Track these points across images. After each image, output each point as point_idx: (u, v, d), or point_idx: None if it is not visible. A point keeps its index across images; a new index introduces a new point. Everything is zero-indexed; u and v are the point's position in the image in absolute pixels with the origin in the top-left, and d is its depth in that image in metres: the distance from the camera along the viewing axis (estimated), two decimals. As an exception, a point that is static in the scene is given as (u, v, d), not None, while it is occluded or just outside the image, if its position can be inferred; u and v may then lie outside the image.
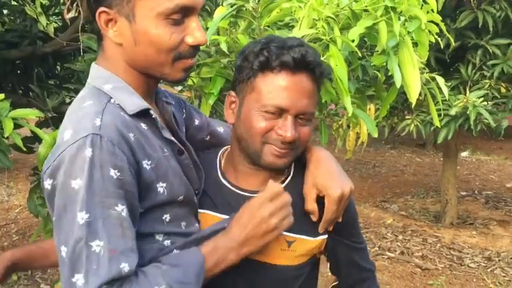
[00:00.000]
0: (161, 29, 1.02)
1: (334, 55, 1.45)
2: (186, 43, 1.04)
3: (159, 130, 1.09)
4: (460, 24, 4.37)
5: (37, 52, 2.66)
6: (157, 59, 1.05)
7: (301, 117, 1.16)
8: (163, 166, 1.06)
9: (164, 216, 1.09)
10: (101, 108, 1.00)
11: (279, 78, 1.13)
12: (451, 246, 5.18)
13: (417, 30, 1.53)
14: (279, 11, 1.64)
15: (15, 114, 1.74)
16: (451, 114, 4.13)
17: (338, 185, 1.17)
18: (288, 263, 1.21)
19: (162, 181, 1.06)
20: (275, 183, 1.13)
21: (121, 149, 0.96)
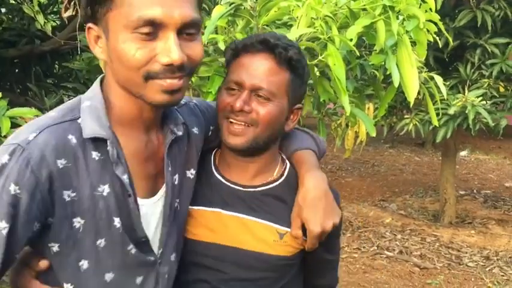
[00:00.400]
0: (127, 44, 0.93)
1: (332, 54, 1.45)
2: (158, 61, 0.94)
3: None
4: (459, 23, 4.38)
5: (35, 51, 2.66)
6: (128, 78, 0.97)
7: (259, 94, 1.19)
8: (86, 203, 0.99)
9: (81, 262, 1.02)
10: (48, 124, 0.97)
11: (242, 57, 1.23)
12: (450, 246, 5.18)
13: (415, 29, 1.53)
14: (277, 9, 1.63)
15: (12, 113, 1.73)
16: (449, 113, 4.13)
17: (319, 222, 1.19)
18: (283, 253, 1.26)
19: (81, 217, 0.99)
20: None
21: (34, 171, 0.92)
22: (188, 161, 1.22)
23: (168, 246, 1.15)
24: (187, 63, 0.97)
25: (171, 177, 1.13)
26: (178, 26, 0.93)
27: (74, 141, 0.98)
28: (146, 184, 1.10)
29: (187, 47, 0.96)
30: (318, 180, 1.25)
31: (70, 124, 0.99)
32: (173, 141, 1.13)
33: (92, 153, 1.00)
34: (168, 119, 1.13)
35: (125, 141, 1.04)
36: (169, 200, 1.13)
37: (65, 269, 1.02)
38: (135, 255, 1.07)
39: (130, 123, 1.06)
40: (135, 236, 1.06)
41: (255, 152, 1.26)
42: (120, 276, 1.06)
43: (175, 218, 1.17)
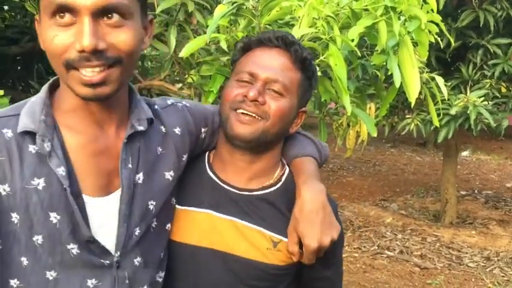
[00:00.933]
0: (48, 31, 0.91)
1: (334, 54, 1.45)
2: (74, 48, 0.89)
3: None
4: (461, 24, 4.37)
5: (37, 48, 2.65)
6: (54, 67, 0.95)
7: (273, 87, 1.17)
8: (19, 197, 0.97)
9: (21, 258, 1.00)
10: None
11: (257, 50, 1.22)
12: (450, 246, 5.18)
13: (417, 30, 1.53)
14: (278, 9, 1.63)
15: (14, 110, 1.73)
16: (451, 113, 4.13)
17: (316, 237, 1.12)
18: (276, 262, 1.20)
19: (17, 212, 0.98)
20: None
21: None
22: (161, 161, 1.15)
23: (128, 250, 1.08)
24: (111, 53, 0.92)
25: (129, 175, 1.06)
26: (91, 10, 0.88)
27: (9, 135, 0.98)
28: (97, 181, 1.05)
29: (111, 35, 0.91)
30: (316, 192, 1.18)
31: (9, 119, 0.99)
32: (138, 138, 1.09)
33: (29, 147, 0.99)
34: (133, 113, 1.09)
35: (69, 134, 1.02)
36: (126, 199, 1.06)
37: (8, 265, 1.01)
38: (78, 256, 1.02)
39: (77, 115, 1.02)
40: (78, 235, 1.01)
41: (258, 149, 1.21)
42: (65, 276, 1.03)
43: (145, 219, 1.10)
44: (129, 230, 1.07)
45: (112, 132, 1.07)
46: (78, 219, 1.00)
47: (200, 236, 1.21)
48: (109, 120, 1.06)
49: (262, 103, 1.15)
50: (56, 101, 1.04)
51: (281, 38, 1.20)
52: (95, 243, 1.04)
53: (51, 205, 0.99)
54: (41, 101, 1.01)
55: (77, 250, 1.02)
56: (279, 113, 1.17)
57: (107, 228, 1.06)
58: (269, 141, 1.20)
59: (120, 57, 0.93)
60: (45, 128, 0.98)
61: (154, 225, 1.15)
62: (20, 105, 1.03)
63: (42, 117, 0.99)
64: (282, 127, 1.20)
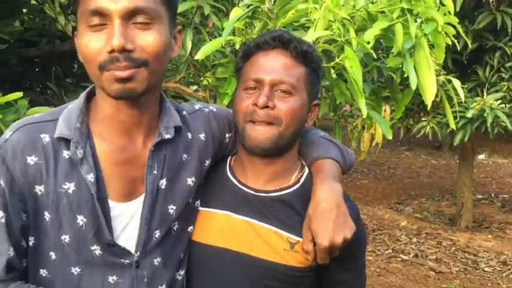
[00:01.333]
0: (83, 37, 0.98)
1: (349, 57, 1.45)
2: (104, 49, 0.96)
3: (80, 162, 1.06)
4: (478, 26, 4.33)
5: (55, 51, 2.69)
6: (90, 72, 1.00)
7: (280, 88, 1.17)
8: (52, 198, 1.04)
9: (50, 252, 1.08)
10: (26, 123, 1.06)
11: (257, 56, 1.22)
12: (466, 250, 5.13)
13: (434, 32, 1.52)
14: (294, 12, 1.64)
15: (32, 112, 1.76)
16: (467, 116, 4.09)
17: (328, 235, 1.11)
18: (293, 263, 1.19)
19: (49, 211, 1.05)
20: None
21: (9, 167, 1.02)
22: (185, 167, 1.19)
23: (148, 251, 1.13)
24: (139, 54, 0.97)
25: (153, 180, 1.11)
26: (121, 13, 0.95)
27: (46, 140, 1.04)
28: (123, 187, 1.10)
29: (139, 36, 0.97)
30: (331, 191, 1.18)
31: (48, 124, 1.06)
32: (165, 146, 1.14)
33: (63, 152, 1.05)
34: (162, 122, 1.14)
35: (100, 142, 1.08)
36: (148, 203, 1.11)
37: (40, 257, 1.09)
38: (100, 257, 1.09)
39: (108, 124, 1.08)
40: (101, 238, 1.07)
41: (276, 152, 1.21)
42: (88, 272, 1.09)
43: (165, 222, 1.15)
44: (149, 232, 1.13)
45: (140, 141, 1.12)
46: (102, 223, 1.06)
47: (219, 236, 1.23)
48: (138, 130, 1.11)
49: (272, 107, 1.16)
50: (91, 109, 1.10)
51: (278, 38, 1.20)
52: (116, 246, 1.09)
53: (78, 208, 1.05)
54: (77, 109, 1.07)
55: (100, 251, 1.08)
56: (291, 114, 1.18)
57: (128, 231, 1.11)
58: (287, 142, 1.21)
59: (146, 59, 0.98)
60: (79, 135, 1.05)
61: (176, 228, 1.19)
62: (58, 110, 1.10)
63: (77, 124, 1.05)
64: (296, 126, 1.20)
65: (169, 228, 1.17)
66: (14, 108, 1.76)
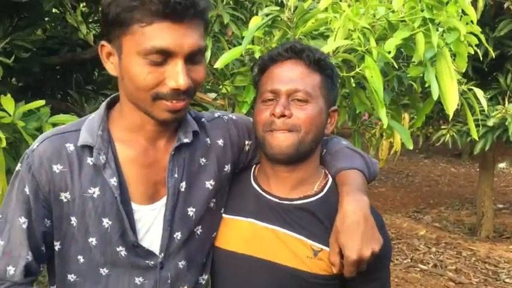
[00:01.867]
0: (139, 67, 1.01)
1: (370, 66, 1.44)
2: (167, 85, 1.02)
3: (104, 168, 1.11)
4: (499, 33, 4.27)
5: (76, 58, 2.73)
6: (137, 96, 1.06)
7: (296, 97, 1.20)
8: (77, 204, 1.10)
9: (78, 256, 1.14)
10: (52, 134, 1.13)
11: (271, 68, 1.25)
12: (487, 261, 5.03)
13: (456, 42, 1.50)
14: (314, 21, 1.63)
15: (55, 119, 1.79)
16: (488, 125, 4.03)
17: (356, 248, 1.11)
18: (317, 271, 1.20)
19: (75, 216, 1.11)
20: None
21: (35, 175, 1.08)
22: (204, 171, 1.23)
23: (171, 252, 1.18)
24: (192, 87, 1.06)
25: (174, 184, 1.16)
26: (186, 54, 1.02)
27: (71, 149, 1.11)
28: (145, 190, 1.15)
29: (192, 71, 1.05)
30: (359, 204, 1.18)
31: (72, 134, 1.13)
32: (184, 149, 1.19)
33: (87, 159, 1.11)
34: (180, 127, 1.19)
35: (122, 147, 1.14)
36: (170, 205, 1.16)
37: (67, 262, 1.15)
38: (126, 258, 1.14)
39: (133, 132, 1.14)
40: (126, 239, 1.13)
41: (298, 159, 1.23)
42: (115, 273, 1.15)
43: (186, 224, 1.19)
44: (171, 234, 1.17)
45: (161, 146, 1.17)
46: (126, 225, 1.12)
47: (243, 243, 1.25)
48: (160, 137, 1.17)
49: (289, 116, 1.19)
50: (113, 117, 1.16)
51: (290, 49, 1.23)
52: (140, 247, 1.14)
53: (103, 211, 1.11)
54: (98, 118, 1.14)
55: (125, 252, 1.13)
56: (309, 120, 1.20)
57: (152, 233, 1.16)
58: (308, 148, 1.22)
59: (194, 90, 1.09)
60: (101, 142, 1.11)
61: (200, 233, 1.24)
62: (80, 121, 1.17)
63: (99, 132, 1.11)
64: (316, 132, 1.22)
65: (192, 231, 1.21)
66: (37, 115, 1.79)
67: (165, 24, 0.99)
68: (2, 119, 1.65)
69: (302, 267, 1.20)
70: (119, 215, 1.11)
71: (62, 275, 1.16)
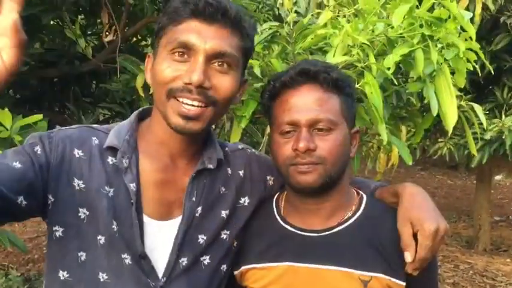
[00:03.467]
0: (163, 62, 1.05)
1: (370, 83, 1.43)
2: (181, 79, 1.03)
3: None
4: (496, 47, 4.31)
5: (74, 71, 2.73)
6: (157, 95, 1.07)
7: (319, 127, 1.12)
8: (92, 197, 1.07)
9: (80, 252, 1.08)
10: (83, 126, 1.15)
11: (285, 95, 1.15)
12: (484, 274, 5.02)
13: (455, 58, 1.50)
14: (313, 37, 1.64)
15: (52, 134, 1.78)
16: (485, 138, 4.04)
17: (434, 219, 1.08)
18: None
19: (87, 208, 1.08)
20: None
21: (53, 144, 1.06)
22: (221, 200, 1.21)
23: (173, 278, 1.13)
24: (211, 93, 1.04)
25: (191, 207, 1.14)
26: (207, 52, 1.03)
27: (96, 143, 1.11)
28: (159, 207, 1.13)
29: (216, 77, 1.05)
30: (419, 187, 1.18)
31: (100, 133, 1.14)
32: (205, 175, 1.17)
33: (108, 157, 1.11)
34: (206, 152, 1.18)
35: (145, 159, 1.13)
36: (183, 229, 1.13)
37: (64, 256, 1.09)
38: (130, 267, 1.08)
39: (157, 147, 1.14)
40: (133, 247, 1.09)
41: (328, 189, 1.16)
42: (114, 283, 1.08)
43: (193, 251, 1.15)
44: (177, 258, 1.13)
45: (182, 166, 1.16)
46: (135, 233, 1.08)
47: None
48: (182, 155, 1.16)
49: (314, 149, 1.10)
50: (142, 129, 1.17)
51: (304, 73, 1.14)
52: (146, 260, 1.10)
53: (114, 214, 1.08)
54: (128, 124, 1.15)
55: (129, 261, 1.09)
56: (335, 151, 1.12)
57: (158, 252, 1.12)
58: (336, 177, 1.15)
59: (217, 100, 1.06)
60: (127, 146, 1.11)
61: (207, 263, 1.18)
62: (111, 126, 1.18)
63: (126, 137, 1.12)
64: (342, 160, 1.15)
65: (198, 259, 1.16)
66: (34, 129, 1.78)
67: (194, 23, 1.04)
68: (0, 134, 1.65)
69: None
70: (128, 220, 1.08)
71: (53, 270, 1.10)
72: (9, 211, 0.99)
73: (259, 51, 1.83)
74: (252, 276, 1.22)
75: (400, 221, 1.12)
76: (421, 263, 1.08)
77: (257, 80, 1.82)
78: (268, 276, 1.18)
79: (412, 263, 1.08)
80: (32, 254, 5.14)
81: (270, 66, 1.77)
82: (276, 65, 1.71)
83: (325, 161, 1.11)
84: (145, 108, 1.21)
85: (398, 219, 1.13)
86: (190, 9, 1.03)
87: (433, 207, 1.13)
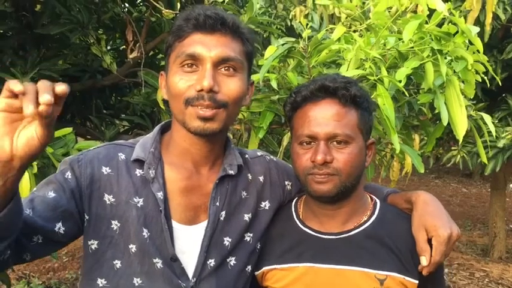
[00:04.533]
0: (175, 75, 1.14)
1: (382, 94, 1.50)
2: (194, 88, 1.11)
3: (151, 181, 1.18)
4: (508, 56, 4.34)
5: (96, 85, 2.83)
6: (175, 106, 1.15)
7: (336, 140, 1.18)
8: (122, 209, 1.16)
9: (115, 261, 1.16)
10: (109, 144, 1.24)
11: (305, 109, 1.22)
12: (500, 282, 5.00)
13: (463, 70, 1.56)
14: (328, 51, 1.71)
15: (80, 145, 1.87)
16: (498, 146, 4.06)
17: (447, 225, 1.17)
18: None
19: (118, 220, 1.16)
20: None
21: (81, 166, 1.15)
22: (243, 204, 1.29)
23: (203, 278, 1.20)
24: (222, 96, 1.13)
25: (216, 211, 1.22)
26: (213, 60, 1.12)
27: (122, 158, 1.20)
28: (185, 212, 1.20)
29: (224, 82, 1.14)
30: (431, 195, 1.26)
31: (126, 148, 1.22)
32: (227, 180, 1.25)
33: (136, 170, 1.19)
34: (226, 159, 1.26)
35: (170, 169, 1.21)
36: (209, 232, 1.20)
37: (101, 265, 1.16)
38: (161, 270, 1.16)
39: (180, 157, 1.21)
40: (164, 251, 1.16)
41: (344, 197, 1.23)
42: (148, 285, 1.16)
43: (220, 253, 1.22)
44: (205, 260, 1.21)
45: (205, 173, 1.24)
46: (166, 238, 1.16)
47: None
48: (204, 163, 1.24)
49: (330, 161, 1.17)
50: (165, 141, 1.25)
51: (323, 89, 1.20)
52: (177, 262, 1.18)
53: (144, 222, 1.16)
54: (152, 137, 1.24)
55: (161, 265, 1.16)
56: (350, 164, 1.18)
57: (187, 255, 1.20)
58: (351, 187, 1.22)
59: (226, 102, 1.14)
60: (153, 158, 1.20)
61: (233, 264, 1.26)
62: (136, 140, 1.26)
63: (151, 149, 1.21)
64: (357, 171, 1.21)
65: (225, 260, 1.24)
66: (63, 141, 1.88)
67: (197, 36, 1.14)
68: (33, 146, 1.74)
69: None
70: (158, 227, 1.16)
71: (92, 279, 1.17)
72: (51, 239, 1.09)
73: (275, 65, 1.91)
74: (273, 276, 1.29)
75: (415, 227, 1.21)
76: (436, 266, 1.17)
77: (274, 92, 1.90)
78: (289, 276, 1.26)
79: (427, 266, 1.17)
80: (53, 263, 5.25)
81: (286, 79, 1.85)
82: (291, 78, 1.78)
83: (341, 172, 1.18)
84: (167, 121, 1.29)
85: (413, 225, 1.22)
86: (192, 24, 1.13)
87: (446, 214, 1.21)
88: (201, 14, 1.13)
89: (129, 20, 2.14)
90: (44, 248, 1.10)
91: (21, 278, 4.75)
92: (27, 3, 2.31)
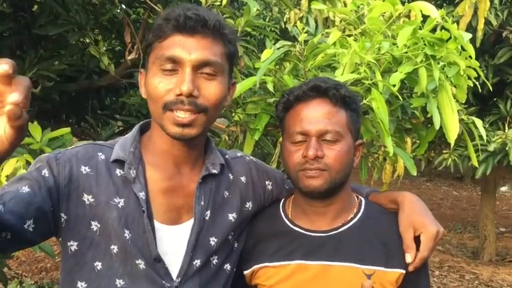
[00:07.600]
0: (154, 77, 1.11)
1: (376, 98, 1.53)
2: (173, 92, 1.09)
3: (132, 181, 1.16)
4: (499, 61, 4.40)
5: (92, 85, 2.85)
6: (154, 109, 1.13)
7: (326, 138, 1.24)
8: (102, 210, 1.13)
9: (96, 262, 1.14)
10: (88, 144, 1.21)
11: (298, 108, 1.28)
12: (490, 284, 5.06)
13: (456, 75, 1.60)
14: (323, 55, 1.74)
15: (77, 145, 1.89)
16: (489, 150, 4.12)
17: (434, 223, 1.24)
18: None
19: (98, 221, 1.13)
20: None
21: (59, 165, 1.11)
22: (227, 204, 1.29)
23: (188, 278, 1.19)
24: (202, 101, 1.11)
25: (201, 211, 1.21)
26: (193, 63, 1.09)
27: (102, 158, 1.17)
28: (167, 212, 1.19)
29: (203, 86, 1.12)
30: (415, 196, 1.33)
31: (105, 148, 1.20)
32: (210, 180, 1.25)
33: (116, 170, 1.16)
34: (208, 158, 1.26)
35: (151, 169, 1.19)
36: (196, 231, 1.20)
37: (81, 267, 1.14)
38: (144, 271, 1.14)
39: (161, 156, 1.20)
40: (147, 252, 1.14)
41: (333, 193, 1.28)
42: (130, 287, 1.14)
43: (205, 252, 1.22)
44: (191, 260, 1.20)
45: (186, 173, 1.23)
46: (149, 239, 1.14)
47: (295, 286, 1.27)
48: (185, 162, 1.23)
49: (321, 156, 1.23)
50: (144, 141, 1.23)
51: (315, 89, 1.26)
52: (161, 263, 1.16)
53: (126, 223, 1.14)
54: (131, 137, 1.21)
55: (144, 266, 1.15)
56: (339, 160, 1.24)
57: (171, 256, 1.19)
58: (340, 183, 1.28)
59: (206, 107, 1.12)
60: (133, 158, 1.17)
61: (215, 262, 1.26)
62: (115, 141, 1.24)
63: (131, 149, 1.18)
64: (346, 168, 1.27)
65: (209, 259, 1.24)
66: (60, 141, 1.89)
67: (177, 38, 1.11)
68: (31, 145, 1.76)
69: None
70: (140, 227, 1.14)
71: (71, 281, 1.15)
72: (20, 237, 1.02)
73: (272, 68, 1.94)
74: (264, 274, 1.32)
75: (404, 226, 1.26)
76: (422, 262, 1.22)
77: (270, 95, 1.92)
78: (281, 273, 1.29)
79: (413, 263, 1.23)
80: (45, 263, 5.24)
81: (282, 82, 1.87)
82: (287, 81, 1.81)
83: (331, 168, 1.24)
84: (146, 121, 1.27)
85: (401, 224, 1.27)
86: (172, 25, 1.10)
87: (430, 213, 1.29)
88: (181, 15, 1.10)
89: (128, 22, 2.17)
90: (12, 245, 1.03)
91: (13, 278, 4.74)
92: (25, 3, 2.32)
